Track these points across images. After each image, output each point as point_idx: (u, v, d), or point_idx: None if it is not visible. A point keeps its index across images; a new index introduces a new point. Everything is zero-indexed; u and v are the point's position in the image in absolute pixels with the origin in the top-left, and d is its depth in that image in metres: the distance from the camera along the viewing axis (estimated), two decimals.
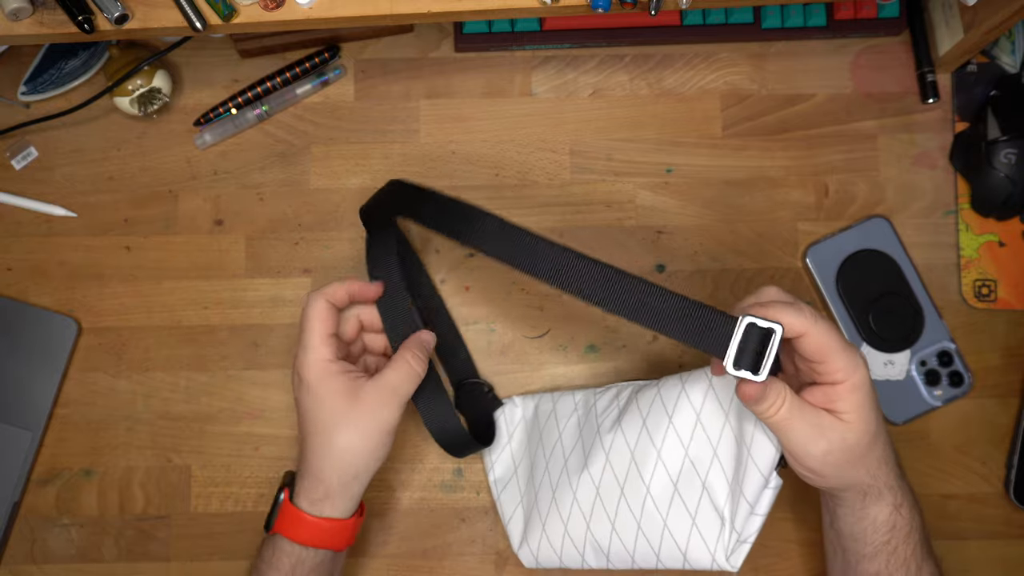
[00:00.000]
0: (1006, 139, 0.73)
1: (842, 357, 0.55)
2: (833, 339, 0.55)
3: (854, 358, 0.56)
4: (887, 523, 0.58)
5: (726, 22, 0.77)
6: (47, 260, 0.76)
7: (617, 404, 0.67)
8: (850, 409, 0.55)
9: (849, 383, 0.55)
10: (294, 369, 0.62)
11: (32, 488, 0.73)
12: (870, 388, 0.56)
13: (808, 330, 0.54)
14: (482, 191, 0.76)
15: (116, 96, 0.74)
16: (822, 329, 0.55)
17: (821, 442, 0.55)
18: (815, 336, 0.55)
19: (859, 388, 0.55)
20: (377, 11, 0.63)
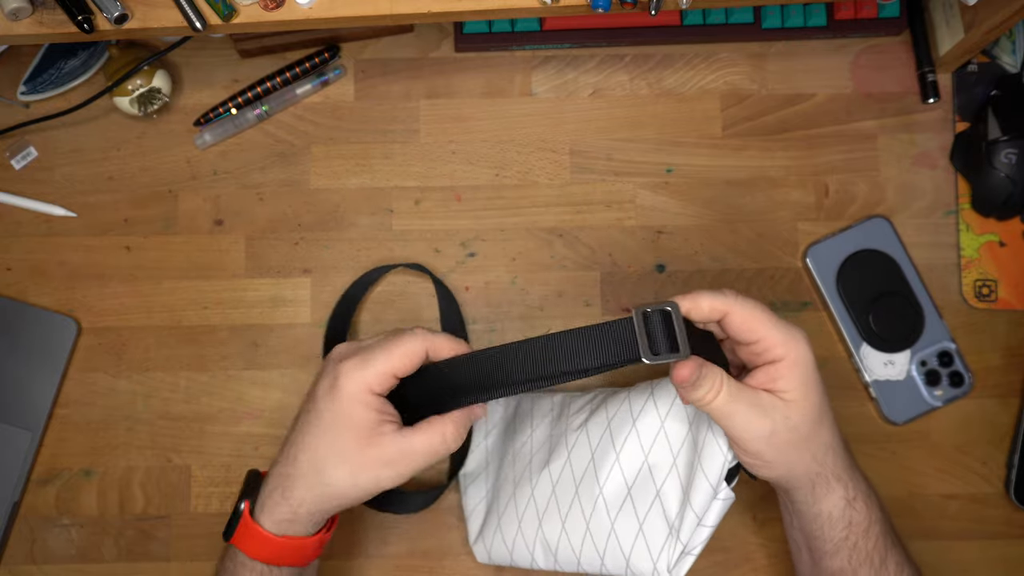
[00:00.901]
0: (1006, 139, 0.73)
1: (776, 331, 0.54)
2: (760, 314, 0.54)
3: (790, 332, 0.54)
4: (842, 519, 0.56)
5: (726, 22, 0.77)
6: (47, 260, 0.75)
7: (590, 406, 0.67)
8: (792, 387, 0.54)
9: (788, 359, 0.54)
10: (332, 370, 0.56)
11: (32, 488, 0.73)
12: (812, 366, 0.55)
13: (730, 308, 0.54)
14: (482, 191, 0.76)
15: (116, 96, 0.74)
16: (746, 306, 0.54)
17: (764, 422, 0.53)
18: (739, 312, 0.54)
19: (799, 364, 0.54)
20: (377, 11, 0.63)
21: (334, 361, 0.57)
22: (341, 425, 0.55)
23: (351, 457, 0.55)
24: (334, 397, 0.55)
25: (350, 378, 0.55)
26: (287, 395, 0.74)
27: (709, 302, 0.54)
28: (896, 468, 0.73)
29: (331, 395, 0.55)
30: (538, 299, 0.75)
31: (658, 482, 0.60)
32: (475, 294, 0.75)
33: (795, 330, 0.55)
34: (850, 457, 0.58)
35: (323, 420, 0.56)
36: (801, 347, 0.54)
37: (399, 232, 0.76)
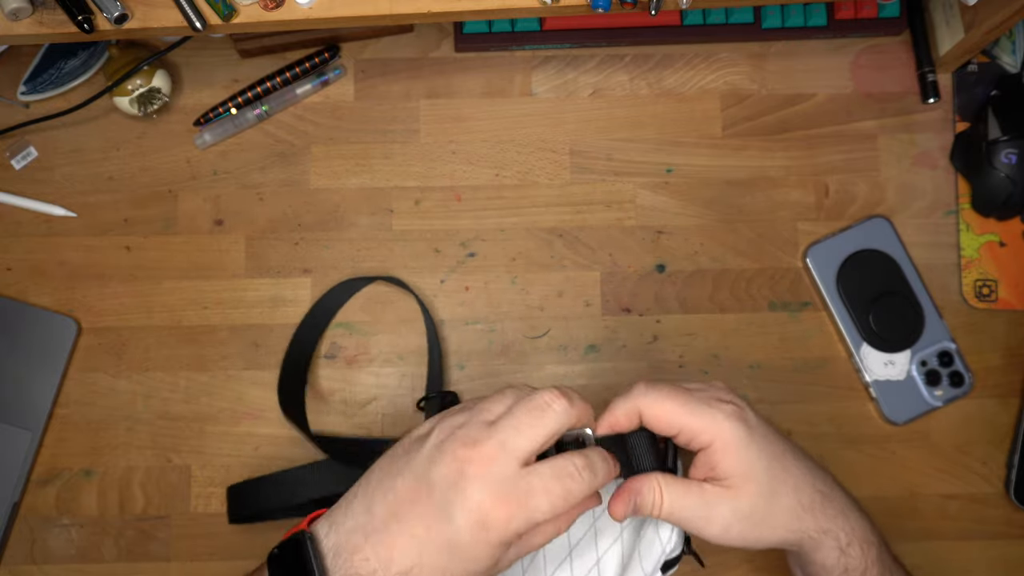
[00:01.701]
0: (1006, 139, 0.73)
1: (693, 418, 0.50)
2: (671, 404, 0.51)
3: (708, 414, 0.50)
4: (837, 566, 0.53)
5: (726, 22, 0.77)
6: (47, 260, 0.75)
7: None
8: (731, 472, 0.50)
9: (716, 445, 0.50)
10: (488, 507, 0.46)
11: (32, 488, 0.73)
12: (745, 440, 0.51)
13: (640, 406, 0.51)
14: (482, 191, 0.76)
15: (116, 96, 0.74)
16: (656, 399, 0.51)
17: (714, 522, 0.51)
18: (649, 409, 0.51)
19: (729, 446, 0.50)
20: (377, 11, 0.63)
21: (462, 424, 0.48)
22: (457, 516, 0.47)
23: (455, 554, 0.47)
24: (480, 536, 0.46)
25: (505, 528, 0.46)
26: None
27: (622, 410, 0.51)
28: (896, 468, 0.73)
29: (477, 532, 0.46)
30: (538, 299, 0.75)
31: (600, 551, 0.58)
32: (475, 294, 0.75)
33: (713, 409, 0.51)
34: (837, 500, 0.54)
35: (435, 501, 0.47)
36: (724, 427, 0.51)
37: (399, 232, 0.76)
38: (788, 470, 0.52)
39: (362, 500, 0.49)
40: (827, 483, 0.54)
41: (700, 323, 0.75)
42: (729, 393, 0.54)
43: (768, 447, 0.52)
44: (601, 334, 0.75)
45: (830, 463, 0.73)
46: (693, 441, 0.51)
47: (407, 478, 0.48)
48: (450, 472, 0.47)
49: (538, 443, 0.48)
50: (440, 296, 0.75)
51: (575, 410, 0.49)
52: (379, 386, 0.74)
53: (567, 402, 0.49)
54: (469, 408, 0.50)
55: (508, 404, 0.49)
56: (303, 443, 0.73)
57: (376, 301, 0.75)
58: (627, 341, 0.75)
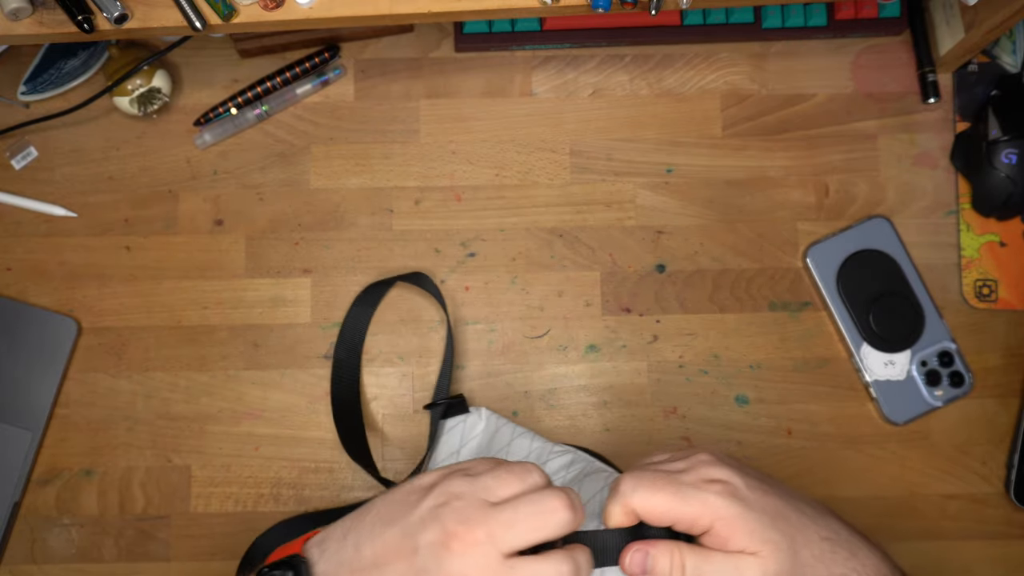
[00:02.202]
0: (1007, 139, 0.73)
1: (687, 507, 0.49)
2: (660, 497, 0.49)
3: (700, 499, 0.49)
4: None
5: (726, 22, 0.77)
6: (47, 260, 0.75)
7: (564, 477, 0.65)
8: (744, 544, 0.49)
9: (718, 525, 0.49)
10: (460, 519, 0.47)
11: (32, 488, 0.73)
12: (745, 513, 0.49)
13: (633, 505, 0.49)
14: (482, 191, 0.76)
15: (116, 96, 0.74)
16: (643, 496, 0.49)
17: None
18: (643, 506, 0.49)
19: (731, 523, 0.49)
20: (377, 11, 0.63)
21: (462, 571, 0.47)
22: None
23: None
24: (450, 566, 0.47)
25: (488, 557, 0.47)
26: (287, 395, 0.74)
27: (618, 511, 0.50)
28: (896, 468, 0.73)
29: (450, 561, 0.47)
30: (538, 299, 0.75)
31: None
32: (475, 294, 0.75)
33: (704, 493, 0.49)
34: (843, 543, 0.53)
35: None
36: (719, 507, 0.49)
37: (399, 232, 0.76)
38: (793, 525, 0.51)
39: (354, 537, 0.49)
40: (830, 528, 0.53)
41: (700, 323, 0.75)
42: (716, 465, 0.52)
43: (768, 510, 0.51)
44: (601, 334, 0.75)
45: (830, 463, 0.73)
46: (693, 528, 0.50)
47: (396, 531, 0.48)
48: (436, 541, 0.47)
49: (529, 544, 0.47)
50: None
51: (575, 521, 0.48)
52: (379, 386, 0.74)
53: (572, 515, 0.48)
54: (473, 476, 0.49)
55: (515, 491, 0.49)
56: (303, 443, 0.73)
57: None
58: (627, 341, 0.75)
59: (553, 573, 0.47)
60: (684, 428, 0.74)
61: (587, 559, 0.49)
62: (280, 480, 0.73)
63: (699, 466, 0.52)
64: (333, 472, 0.73)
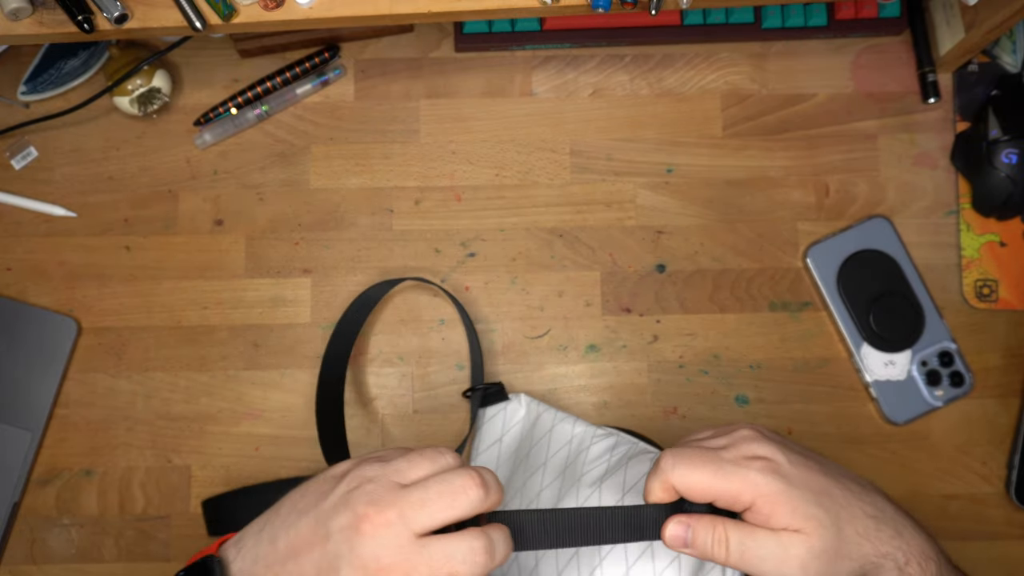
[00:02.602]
0: (1007, 139, 0.73)
1: (728, 484, 0.49)
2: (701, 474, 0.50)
3: (741, 475, 0.49)
4: None
5: (726, 22, 0.77)
6: (47, 260, 0.75)
7: (607, 460, 0.65)
8: (787, 522, 0.49)
9: (759, 502, 0.49)
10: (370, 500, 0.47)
11: (32, 488, 0.73)
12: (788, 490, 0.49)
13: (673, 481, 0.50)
14: (482, 191, 0.76)
15: (116, 96, 0.74)
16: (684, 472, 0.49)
17: (791, 563, 0.49)
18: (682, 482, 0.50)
19: (774, 500, 0.49)
20: (377, 11, 0.63)
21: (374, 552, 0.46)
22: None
23: None
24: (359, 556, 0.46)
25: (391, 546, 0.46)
26: (287, 395, 0.74)
27: (657, 488, 0.50)
28: (896, 468, 0.73)
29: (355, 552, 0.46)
30: (538, 299, 0.75)
31: (658, 569, 0.58)
32: (475, 294, 0.75)
33: (744, 469, 0.50)
34: (889, 521, 0.53)
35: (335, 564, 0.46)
36: (760, 484, 0.49)
37: (399, 232, 0.76)
38: (838, 501, 0.51)
39: (269, 531, 0.49)
40: (876, 505, 0.53)
41: (700, 323, 0.75)
42: (757, 441, 0.52)
43: (811, 486, 0.51)
44: (601, 334, 0.75)
45: None
46: (735, 504, 0.50)
47: (310, 520, 0.48)
48: (347, 525, 0.46)
49: (439, 524, 0.47)
50: (440, 296, 0.75)
51: (489, 501, 0.48)
52: (379, 386, 0.74)
53: (483, 493, 0.47)
54: (386, 462, 0.49)
55: (425, 473, 0.48)
56: (303, 443, 0.73)
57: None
58: (627, 341, 0.75)
59: (465, 549, 0.46)
60: (684, 428, 0.73)
61: (503, 535, 0.48)
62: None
63: (741, 442, 0.52)
64: None
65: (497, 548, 0.48)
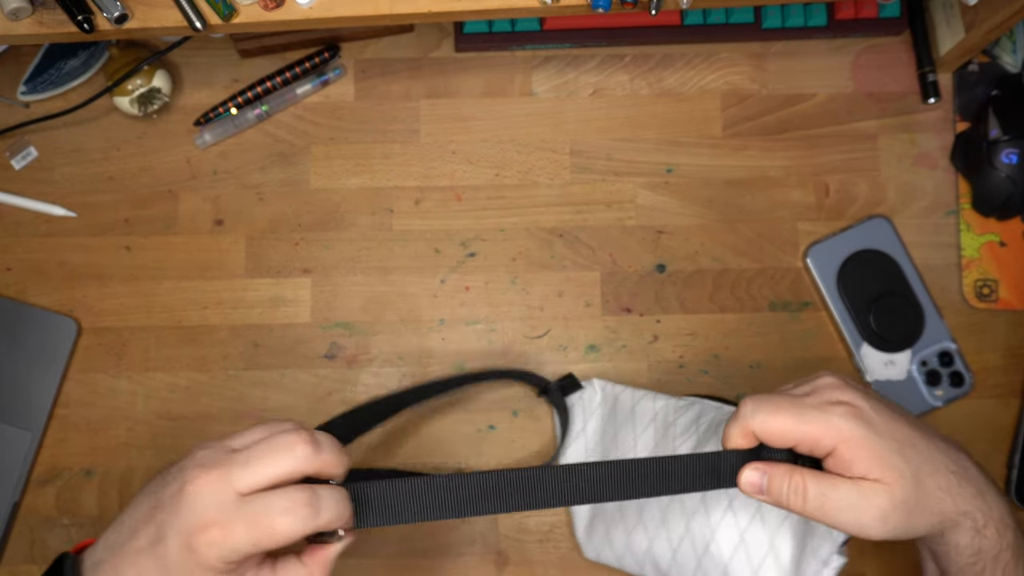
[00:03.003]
0: (1007, 139, 0.73)
1: (809, 427, 0.49)
2: (782, 418, 0.50)
3: (823, 419, 0.49)
4: (970, 547, 0.51)
5: (726, 22, 0.77)
6: (47, 260, 0.75)
7: (696, 431, 0.64)
8: (869, 469, 0.49)
9: (841, 447, 0.49)
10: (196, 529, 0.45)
11: (32, 488, 0.73)
12: (871, 436, 0.49)
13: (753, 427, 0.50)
14: (482, 191, 0.76)
15: (116, 96, 0.74)
16: (765, 417, 0.50)
17: (870, 513, 0.49)
18: (763, 427, 0.50)
19: (856, 445, 0.49)
20: (377, 11, 0.63)
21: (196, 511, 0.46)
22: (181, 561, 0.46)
23: None
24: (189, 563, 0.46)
25: (211, 554, 0.45)
26: (287, 395, 0.74)
27: (736, 434, 0.50)
28: None
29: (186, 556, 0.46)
30: (538, 299, 0.75)
31: (770, 532, 0.58)
32: (475, 294, 0.75)
33: (826, 414, 0.49)
34: (972, 480, 0.52)
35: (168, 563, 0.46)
36: (843, 429, 0.49)
37: (399, 232, 0.76)
38: (921, 454, 0.50)
39: (120, 517, 0.49)
40: (959, 463, 0.52)
41: (700, 323, 0.75)
42: (840, 388, 0.52)
43: (895, 435, 0.50)
44: (601, 334, 0.75)
45: None
46: (816, 449, 0.50)
47: (150, 498, 0.48)
48: (175, 491, 0.47)
49: (265, 481, 0.46)
50: (440, 296, 0.75)
51: (319, 460, 0.47)
52: (379, 386, 0.74)
53: (311, 449, 0.47)
54: (224, 436, 0.50)
55: (258, 437, 0.48)
56: None
57: (376, 301, 0.75)
58: (627, 341, 0.75)
59: (285, 501, 0.46)
60: None
61: (335, 495, 0.47)
62: None
63: (823, 389, 0.52)
64: None
65: (323, 504, 0.47)
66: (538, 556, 0.72)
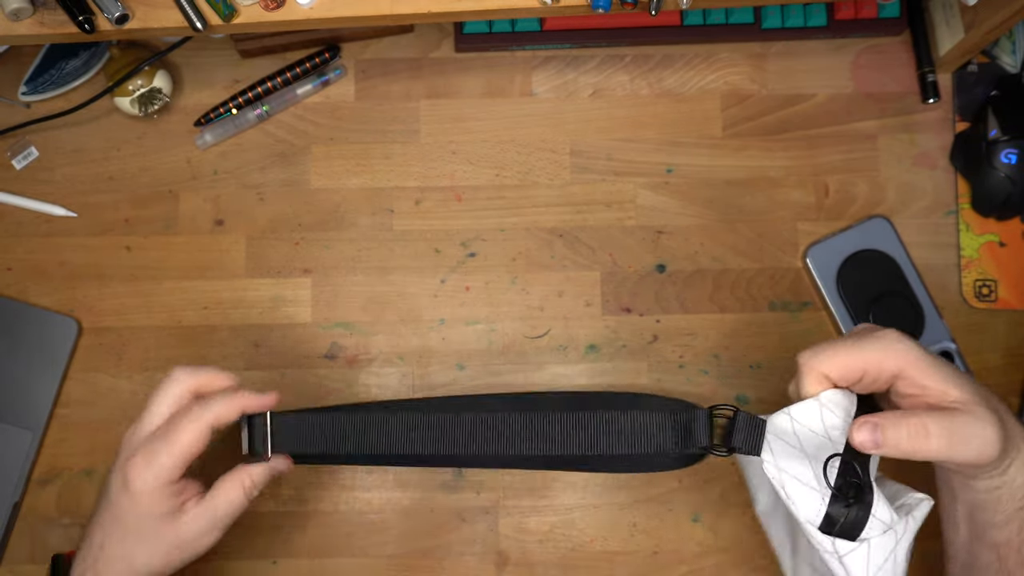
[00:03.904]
0: (1007, 139, 0.73)
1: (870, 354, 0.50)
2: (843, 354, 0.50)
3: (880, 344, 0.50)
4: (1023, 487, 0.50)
5: (726, 22, 0.77)
6: (47, 260, 0.76)
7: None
8: (941, 387, 0.49)
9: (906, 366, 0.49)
10: (121, 469, 0.56)
11: (32, 488, 0.73)
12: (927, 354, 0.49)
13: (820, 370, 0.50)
14: (482, 191, 0.76)
15: (116, 96, 0.74)
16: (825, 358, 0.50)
17: (992, 435, 0.48)
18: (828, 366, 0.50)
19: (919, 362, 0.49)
20: (377, 11, 0.63)
21: (122, 458, 0.57)
22: (143, 521, 0.56)
23: (159, 538, 0.56)
24: (129, 496, 0.55)
25: (140, 479, 0.55)
26: (288, 395, 0.73)
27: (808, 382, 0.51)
28: (896, 468, 0.73)
29: (125, 494, 0.55)
30: (538, 299, 0.75)
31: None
32: (475, 294, 0.75)
33: (879, 339, 0.50)
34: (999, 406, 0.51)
35: (125, 516, 0.56)
36: (901, 348, 0.49)
37: (399, 232, 0.76)
38: (966, 378, 0.50)
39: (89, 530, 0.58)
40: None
41: (700, 323, 0.75)
42: (874, 327, 0.53)
43: (944, 364, 0.50)
44: (601, 334, 0.75)
45: None
46: (883, 374, 0.50)
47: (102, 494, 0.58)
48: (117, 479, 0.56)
49: (161, 411, 0.57)
50: (440, 296, 0.75)
51: (199, 376, 0.58)
52: (379, 386, 0.74)
53: (188, 370, 0.58)
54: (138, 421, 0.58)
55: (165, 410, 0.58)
56: None
57: (376, 301, 0.75)
58: (627, 341, 0.75)
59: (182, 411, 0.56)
60: None
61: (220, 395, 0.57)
62: (279, 480, 0.73)
63: (864, 331, 0.52)
64: (332, 472, 0.73)
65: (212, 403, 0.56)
66: (538, 556, 0.72)
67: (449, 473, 0.73)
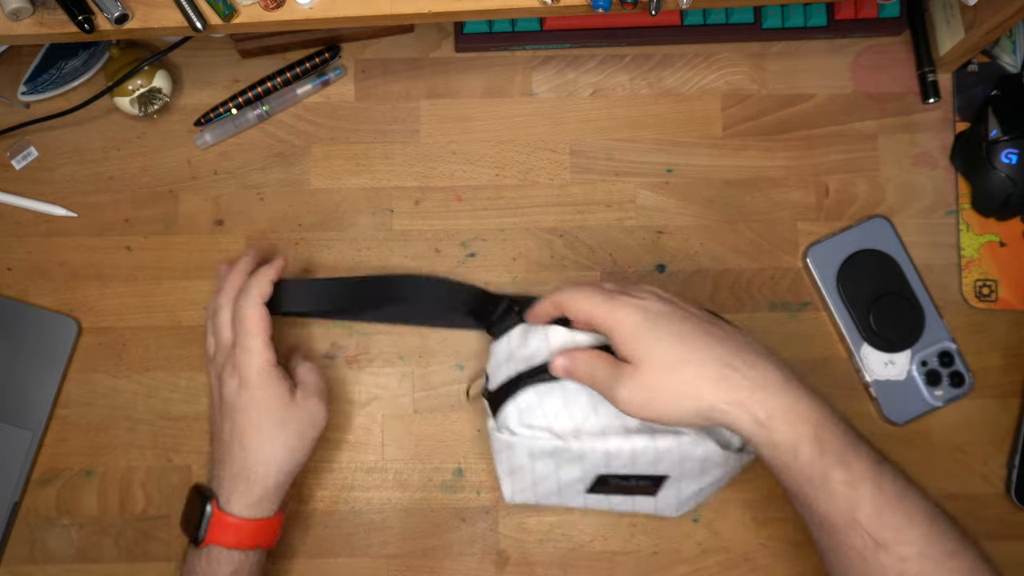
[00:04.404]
0: (1007, 139, 0.73)
1: (597, 311, 0.58)
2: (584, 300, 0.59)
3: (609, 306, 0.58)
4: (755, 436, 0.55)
5: (726, 22, 0.77)
6: (47, 260, 0.76)
7: None
8: (630, 353, 0.57)
9: (615, 331, 0.57)
10: (230, 371, 0.64)
11: (32, 488, 0.73)
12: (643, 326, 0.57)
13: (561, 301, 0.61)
14: (483, 191, 0.76)
15: (116, 96, 0.74)
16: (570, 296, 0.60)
17: (620, 392, 0.57)
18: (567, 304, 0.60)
19: (627, 331, 0.57)
20: (377, 11, 0.63)
21: (225, 372, 0.64)
22: (266, 404, 0.63)
23: (287, 419, 0.63)
24: (249, 391, 0.63)
25: (248, 367, 0.63)
26: None
27: (546, 304, 0.62)
28: None
29: (246, 391, 0.63)
30: None
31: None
32: None
33: (614, 303, 0.58)
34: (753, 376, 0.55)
35: (254, 410, 0.63)
36: (620, 316, 0.57)
37: (399, 232, 0.76)
38: (693, 349, 0.56)
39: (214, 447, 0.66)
40: (745, 361, 0.56)
41: None
42: (648, 292, 0.60)
43: (672, 329, 0.57)
44: None
45: None
46: (599, 329, 0.59)
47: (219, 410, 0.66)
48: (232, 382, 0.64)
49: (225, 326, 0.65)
50: None
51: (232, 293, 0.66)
52: (379, 386, 0.74)
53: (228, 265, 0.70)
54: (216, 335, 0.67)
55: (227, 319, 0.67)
56: None
57: None
58: None
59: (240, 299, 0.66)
60: None
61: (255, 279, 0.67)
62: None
63: (634, 289, 0.61)
64: (333, 472, 0.73)
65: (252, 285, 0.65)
66: (538, 556, 0.72)
67: (449, 473, 0.73)
